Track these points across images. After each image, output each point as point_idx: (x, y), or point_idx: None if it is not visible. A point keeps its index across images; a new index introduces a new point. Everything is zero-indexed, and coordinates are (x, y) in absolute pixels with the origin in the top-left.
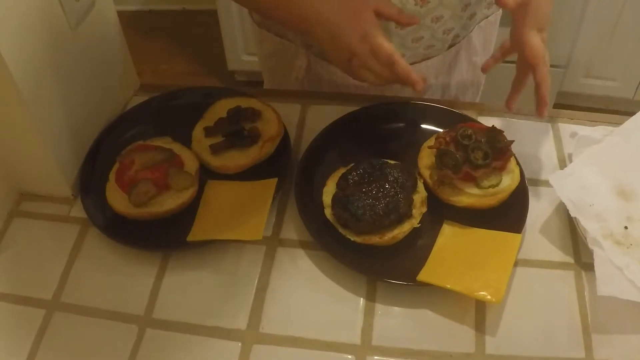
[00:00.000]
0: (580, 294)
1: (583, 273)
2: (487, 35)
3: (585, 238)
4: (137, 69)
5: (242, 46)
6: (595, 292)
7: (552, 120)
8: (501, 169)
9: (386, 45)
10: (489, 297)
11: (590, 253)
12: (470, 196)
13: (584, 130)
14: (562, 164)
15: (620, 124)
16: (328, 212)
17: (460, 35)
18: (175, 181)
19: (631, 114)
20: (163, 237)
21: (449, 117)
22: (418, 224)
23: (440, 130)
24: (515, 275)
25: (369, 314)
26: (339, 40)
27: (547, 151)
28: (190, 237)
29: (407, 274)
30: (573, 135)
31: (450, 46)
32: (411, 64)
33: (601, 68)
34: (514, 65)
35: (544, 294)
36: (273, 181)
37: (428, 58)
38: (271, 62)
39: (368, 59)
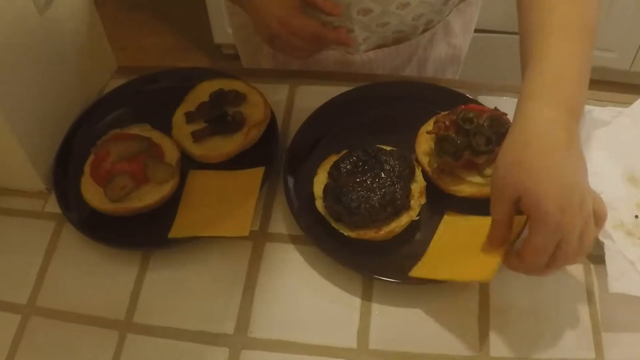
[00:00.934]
0: (589, 289)
1: (592, 266)
2: (467, 17)
3: None
4: (121, 45)
5: (228, 19)
6: (605, 287)
7: None
8: None
9: (308, 24)
10: (477, 277)
11: (598, 245)
12: (472, 185)
13: (591, 111)
14: None
15: (629, 103)
16: (319, 204)
17: (435, 20)
18: (155, 173)
19: (627, 85)
20: (143, 235)
21: (449, 97)
22: (417, 216)
23: (439, 112)
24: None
25: (365, 315)
26: (260, 20)
27: None
28: (172, 234)
29: (406, 271)
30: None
31: (424, 31)
32: (380, 46)
33: (598, 38)
34: (498, 35)
35: (550, 289)
36: (260, 170)
37: (399, 42)
38: (242, 34)
39: (289, 39)
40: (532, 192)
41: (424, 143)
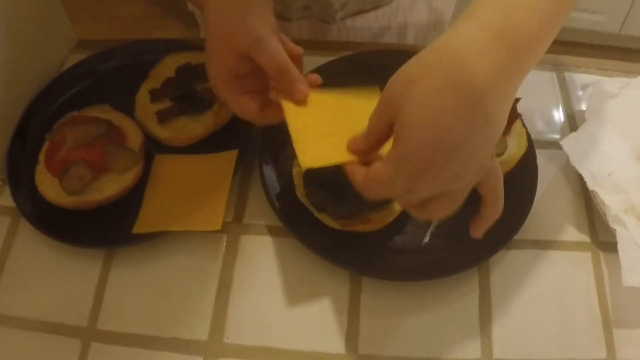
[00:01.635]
0: (599, 281)
1: (601, 255)
2: None
3: (605, 215)
4: (93, 15)
5: None
6: (617, 279)
7: (556, 68)
8: (505, 133)
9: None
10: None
11: (608, 230)
12: None
13: (597, 82)
14: (571, 121)
15: (635, 73)
16: (300, 191)
17: None
18: (115, 161)
19: (616, 49)
20: (105, 230)
21: None
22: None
23: None
24: (521, 260)
25: (353, 316)
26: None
27: (552, 106)
28: (136, 229)
29: (399, 267)
30: (584, 87)
31: None
32: (357, 13)
33: (587, 0)
34: None
35: (556, 282)
36: (232, 154)
37: (378, 7)
38: None
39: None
40: (402, 120)
41: None
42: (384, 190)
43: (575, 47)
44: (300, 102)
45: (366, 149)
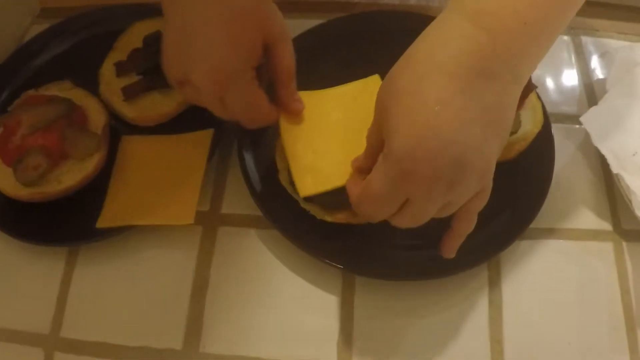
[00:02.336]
0: (622, 275)
1: (624, 245)
2: None
3: (631, 202)
4: None
5: None
6: None
7: (571, 32)
8: (519, 107)
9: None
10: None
11: (633, 217)
12: None
13: (619, 49)
14: (589, 92)
15: None
16: (283, 177)
17: None
18: (75, 146)
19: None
20: (66, 225)
21: None
22: None
23: None
24: (536, 252)
25: (346, 319)
26: (178, 52)
27: (567, 75)
28: (101, 223)
29: (398, 265)
30: (604, 54)
31: None
32: None
33: None
34: None
35: (574, 277)
36: (208, 133)
37: None
38: None
39: (213, 102)
40: (386, 121)
41: None
42: (377, 204)
43: (593, 6)
44: (297, 113)
45: (366, 166)
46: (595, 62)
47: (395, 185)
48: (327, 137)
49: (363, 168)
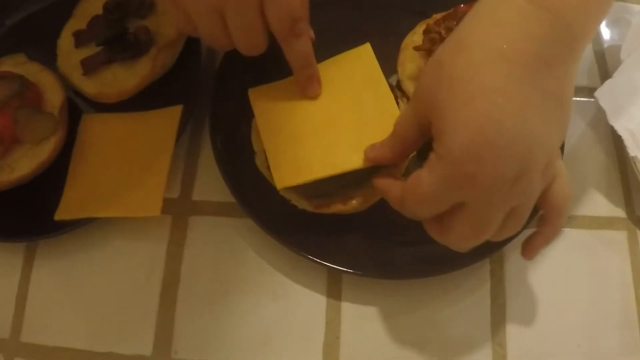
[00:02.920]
0: (636, 267)
1: (639, 233)
2: None
3: None
4: None
5: None
6: None
7: None
8: None
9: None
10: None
11: None
12: None
13: (635, 15)
14: (600, 60)
15: None
16: (261, 160)
17: None
18: (29, 129)
19: None
20: (22, 218)
21: None
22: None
23: (431, 13)
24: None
25: (333, 322)
26: None
27: None
28: (59, 215)
29: (389, 262)
30: (618, 20)
31: None
32: None
33: None
34: None
35: (584, 269)
36: (176, 110)
37: None
38: None
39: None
40: (438, 115)
41: (410, 62)
42: (425, 206)
43: None
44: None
45: (393, 158)
46: (606, 27)
47: (450, 188)
48: (309, 121)
49: (387, 159)
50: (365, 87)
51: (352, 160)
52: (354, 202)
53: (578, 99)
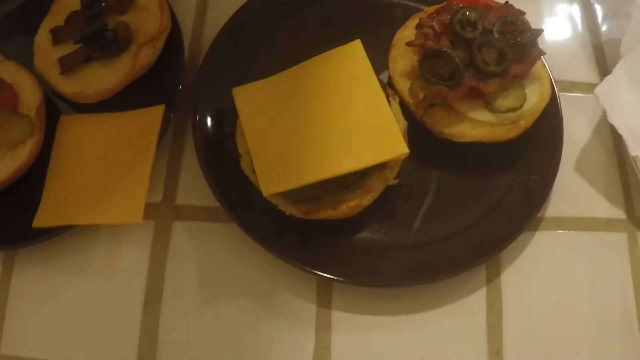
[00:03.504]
0: (636, 271)
1: (639, 235)
2: None
3: None
4: None
5: None
6: None
7: None
8: (522, 75)
9: None
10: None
11: None
12: (477, 125)
13: (635, 7)
14: (599, 56)
15: None
16: (246, 163)
17: None
18: (5, 132)
19: None
20: (0, 226)
21: None
22: (395, 178)
23: (423, 7)
24: (538, 245)
25: (322, 330)
26: None
27: (573, 36)
28: (38, 222)
29: (380, 269)
30: (617, 14)
31: None
32: None
33: None
34: None
35: (583, 273)
36: (158, 110)
37: None
38: None
39: None
40: None
41: (402, 58)
42: None
43: None
44: None
45: None
46: (604, 20)
47: None
48: (297, 122)
49: None
50: (355, 85)
51: (342, 163)
52: (343, 207)
53: (575, 94)
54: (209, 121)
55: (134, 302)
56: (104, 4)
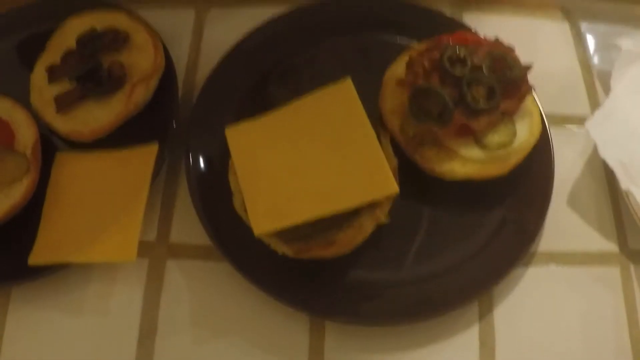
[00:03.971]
0: (629, 305)
1: (632, 269)
2: None
3: None
4: None
5: None
6: None
7: (569, 16)
8: (512, 112)
9: None
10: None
11: None
12: (467, 163)
13: (624, 40)
14: (591, 89)
15: None
16: (238, 201)
17: None
18: (1, 170)
19: None
20: None
21: (424, 21)
22: (386, 217)
23: (413, 43)
24: (531, 281)
25: None
26: None
27: (565, 68)
28: (33, 260)
29: (372, 308)
30: (608, 46)
31: None
32: None
33: None
34: None
35: (576, 309)
36: (152, 149)
37: None
38: None
39: None
40: None
41: (392, 96)
42: None
43: (618, 2)
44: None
45: None
46: (596, 52)
47: None
48: (288, 161)
49: None
50: (345, 124)
51: (332, 202)
52: (335, 245)
53: (567, 128)
54: (202, 159)
55: (128, 340)
56: (98, 42)
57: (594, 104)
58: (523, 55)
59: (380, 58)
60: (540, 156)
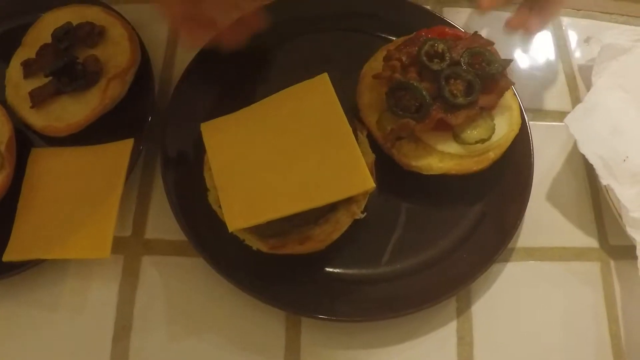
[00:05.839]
0: (609, 300)
1: (612, 264)
2: None
3: (620, 216)
4: None
5: None
6: (631, 294)
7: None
8: (491, 107)
9: None
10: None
11: (621, 231)
12: (445, 158)
13: (605, 34)
14: (571, 83)
15: None
16: (213, 197)
17: None
18: None
19: None
20: None
21: (403, 15)
22: (362, 212)
23: (390, 38)
24: (510, 277)
25: None
26: None
27: (545, 63)
28: (8, 256)
29: (349, 304)
30: (587, 40)
31: None
32: None
33: None
34: None
35: (555, 305)
36: (127, 144)
37: None
38: None
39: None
40: None
41: (370, 91)
42: None
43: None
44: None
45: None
46: (577, 47)
47: None
48: (264, 157)
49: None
50: (322, 119)
51: (307, 198)
52: (310, 241)
53: (547, 123)
54: (177, 155)
55: (103, 336)
56: (74, 37)
57: (575, 98)
58: (503, 50)
59: (358, 53)
60: (519, 151)
